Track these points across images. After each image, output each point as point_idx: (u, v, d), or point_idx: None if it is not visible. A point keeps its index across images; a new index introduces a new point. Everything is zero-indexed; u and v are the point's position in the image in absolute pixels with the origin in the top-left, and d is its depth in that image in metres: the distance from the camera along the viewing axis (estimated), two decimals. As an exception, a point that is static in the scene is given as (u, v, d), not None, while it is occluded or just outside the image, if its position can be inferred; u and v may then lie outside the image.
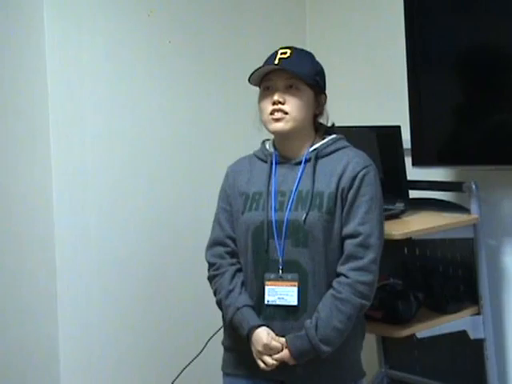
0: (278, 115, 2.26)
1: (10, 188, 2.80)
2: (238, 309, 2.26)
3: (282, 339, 2.23)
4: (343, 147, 2.33)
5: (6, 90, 2.78)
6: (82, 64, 2.90)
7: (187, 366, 2.60)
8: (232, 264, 2.34)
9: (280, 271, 2.25)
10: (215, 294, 2.35)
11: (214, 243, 2.39)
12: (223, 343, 2.41)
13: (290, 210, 2.26)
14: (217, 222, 2.40)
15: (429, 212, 2.86)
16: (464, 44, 2.83)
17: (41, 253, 2.86)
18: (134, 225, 3.06)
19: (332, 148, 2.32)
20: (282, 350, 2.22)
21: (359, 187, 2.24)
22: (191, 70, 3.12)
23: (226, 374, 2.40)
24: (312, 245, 2.22)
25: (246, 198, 2.33)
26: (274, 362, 2.22)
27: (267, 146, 2.39)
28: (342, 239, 2.24)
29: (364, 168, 2.26)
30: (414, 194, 2.86)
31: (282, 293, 2.24)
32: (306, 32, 3.57)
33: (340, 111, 3.35)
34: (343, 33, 3.45)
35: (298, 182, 2.28)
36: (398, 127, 2.76)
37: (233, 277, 2.32)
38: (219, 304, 2.34)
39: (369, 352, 3.29)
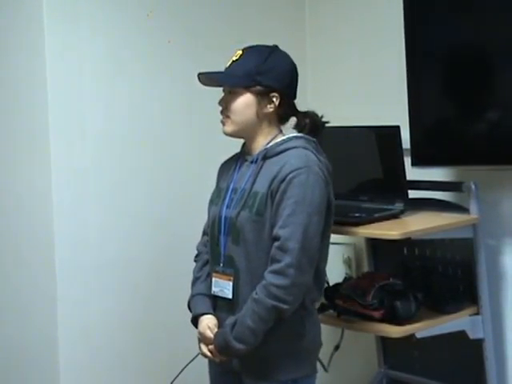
0: (223, 118, 2.36)
1: (9, 188, 2.80)
2: (193, 296, 2.42)
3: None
4: (292, 147, 2.33)
5: (5, 89, 2.78)
6: (81, 64, 2.90)
7: (186, 366, 2.59)
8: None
9: (221, 264, 2.35)
10: None
11: (203, 233, 2.55)
12: None
13: (234, 207, 2.34)
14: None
15: (428, 212, 2.86)
16: (464, 43, 2.83)
17: (40, 253, 2.86)
18: (134, 225, 3.06)
19: (281, 148, 2.34)
20: None
21: (285, 190, 2.24)
22: (191, 70, 3.10)
23: (208, 361, 2.50)
24: (243, 243, 2.29)
25: (217, 193, 2.46)
26: (207, 353, 2.34)
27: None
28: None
29: (294, 171, 2.24)
30: (413, 194, 2.85)
31: (222, 285, 2.35)
32: (306, 33, 3.57)
33: (339, 111, 3.36)
34: (343, 32, 3.44)
35: (246, 180, 2.35)
36: (398, 127, 2.75)
37: (204, 265, 2.47)
38: None
39: (368, 352, 3.29)
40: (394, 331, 2.62)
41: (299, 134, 2.39)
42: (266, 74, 2.31)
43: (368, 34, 3.33)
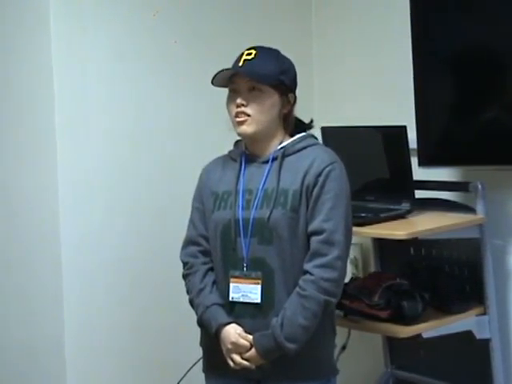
0: (241, 118, 2.29)
1: (16, 188, 2.81)
2: (207, 307, 2.29)
3: (250, 337, 2.24)
4: (311, 145, 2.34)
5: (11, 91, 2.79)
6: (87, 65, 2.91)
7: (192, 367, 2.60)
8: (204, 263, 2.37)
9: (244, 269, 2.27)
10: (188, 292, 2.39)
11: (187, 242, 2.43)
12: (200, 344, 2.42)
13: (256, 208, 2.28)
14: (191, 221, 2.44)
15: (435, 212, 2.86)
16: (471, 43, 2.83)
17: (47, 253, 2.87)
18: (141, 224, 3.06)
19: (300, 146, 2.33)
20: (250, 347, 2.24)
21: (324, 184, 2.24)
22: (196, 71, 3.12)
23: (205, 375, 2.43)
24: (277, 242, 2.24)
25: (216, 198, 2.37)
26: (243, 362, 2.24)
27: (239, 146, 2.41)
28: (309, 236, 2.25)
29: (329, 165, 2.26)
30: (420, 194, 2.85)
31: (245, 290, 2.27)
32: (312, 33, 3.57)
33: (346, 111, 3.38)
34: (349, 32, 3.44)
35: (265, 180, 2.30)
36: (404, 127, 2.76)
37: (204, 276, 2.35)
38: (191, 303, 2.37)
39: (375, 352, 3.29)
40: (401, 331, 2.62)
41: (305, 134, 2.38)
42: (286, 74, 2.31)
43: (374, 33, 3.32)
